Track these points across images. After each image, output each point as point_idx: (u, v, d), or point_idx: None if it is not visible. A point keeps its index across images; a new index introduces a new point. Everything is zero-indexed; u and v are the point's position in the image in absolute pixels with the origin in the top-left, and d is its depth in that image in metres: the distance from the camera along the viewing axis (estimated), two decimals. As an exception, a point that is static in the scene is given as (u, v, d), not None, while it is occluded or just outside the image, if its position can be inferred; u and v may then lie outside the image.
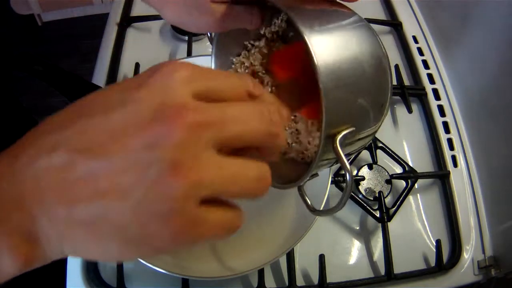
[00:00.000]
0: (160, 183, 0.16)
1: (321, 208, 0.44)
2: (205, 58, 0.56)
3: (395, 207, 0.53)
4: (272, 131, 0.20)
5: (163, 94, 0.17)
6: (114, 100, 0.18)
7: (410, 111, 0.62)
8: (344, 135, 0.28)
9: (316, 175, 0.33)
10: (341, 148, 0.27)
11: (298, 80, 0.35)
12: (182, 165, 0.16)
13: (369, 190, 0.54)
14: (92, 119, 0.17)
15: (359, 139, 0.31)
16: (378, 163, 0.56)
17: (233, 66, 0.38)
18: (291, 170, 0.35)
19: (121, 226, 0.17)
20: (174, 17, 0.32)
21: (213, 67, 0.39)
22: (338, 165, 0.54)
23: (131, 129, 0.17)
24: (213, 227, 0.18)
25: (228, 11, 0.31)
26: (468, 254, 0.54)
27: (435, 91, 0.67)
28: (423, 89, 0.66)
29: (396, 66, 0.67)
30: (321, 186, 0.46)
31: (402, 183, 0.55)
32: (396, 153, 0.57)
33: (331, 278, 0.48)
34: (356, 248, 0.53)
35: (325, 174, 0.47)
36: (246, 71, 0.37)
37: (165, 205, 0.16)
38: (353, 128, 0.28)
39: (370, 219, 0.53)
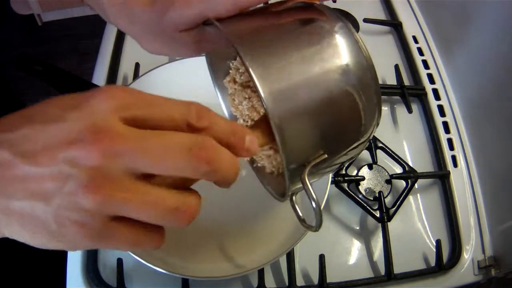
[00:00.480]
0: (74, 195, 0.19)
1: (321, 208, 0.44)
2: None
3: (395, 207, 0.53)
4: (196, 167, 0.20)
5: (91, 118, 0.19)
6: (55, 114, 0.20)
7: (410, 111, 0.62)
8: (314, 165, 0.26)
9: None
10: (308, 178, 0.26)
11: None
12: (93, 184, 0.19)
13: (369, 190, 0.54)
14: (33, 128, 0.20)
15: (337, 163, 0.29)
16: (378, 163, 0.56)
17: (230, 71, 0.37)
18: (280, 184, 0.34)
19: (44, 223, 0.20)
20: (153, 49, 0.33)
21: (209, 74, 0.38)
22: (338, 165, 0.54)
23: (60, 144, 0.19)
24: (118, 241, 0.21)
25: (200, 36, 0.31)
26: (468, 254, 0.54)
27: (435, 91, 0.67)
28: (423, 89, 0.66)
29: (396, 66, 0.67)
30: (321, 186, 0.46)
31: (402, 183, 0.55)
32: (396, 153, 0.57)
33: (331, 278, 0.48)
34: (356, 248, 0.53)
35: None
36: (242, 77, 0.36)
37: (77, 214, 0.19)
38: (325, 156, 0.26)
39: (370, 219, 0.53)
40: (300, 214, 0.32)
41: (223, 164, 0.21)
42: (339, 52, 0.27)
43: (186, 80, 0.55)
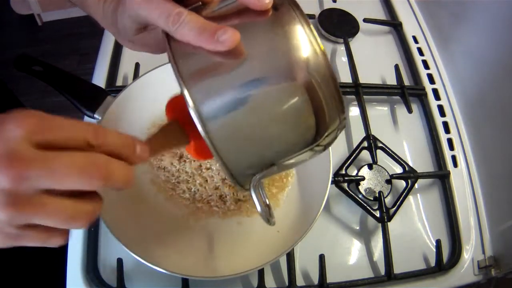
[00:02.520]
0: None
1: (321, 208, 0.44)
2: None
3: (395, 207, 0.53)
4: (91, 183, 0.24)
5: (5, 143, 0.22)
6: None
7: (410, 111, 0.62)
8: (261, 176, 0.26)
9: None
10: (254, 188, 0.26)
11: None
12: (6, 202, 0.22)
13: (369, 190, 0.54)
14: None
15: (291, 166, 0.28)
16: (378, 163, 0.56)
17: None
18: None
19: None
20: (130, 47, 0.35)
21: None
22: (338, 165, 0.54)
23: None
24: (29, 242, 0.25)
25: (158, 37, 0.32)
26: (468, 254, 0.54)
27: (435, 91, 0.67)
28: (423, 89, 0.66)
29: (396, 66, 0.67)
30: (321, 186, 0.46)
31: (402, 183, 0.55)
32: (396, 153, 0.57)
33: (331, 278, 0.48)
34: (356, 248, 0.53)
35: (325, 174, 0.47)
36: None
37: None
38: (274, 168, 0.26)
39: (370, 219, 0.53)
40: (259, 208, 0.30)
41: (115, 175, 0.25)
42: (281, 52, 0.24)
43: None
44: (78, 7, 0.37)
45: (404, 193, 0.54)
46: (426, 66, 0.69)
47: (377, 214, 0.52)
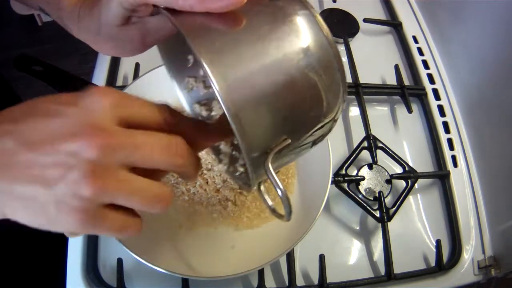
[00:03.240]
0: (75, 183, 0.21)
1: (321, 208, 0.44)
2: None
3: (395, 207, 0.53)
4: (174, 162, 0.24)
5: (89, 115, 0.22)
6: (55, 109, 0.23)
7: (410, 111, 0.62)
8: (278, 151, 0.25)
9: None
10: (272, 166, 0.25)
11: None
12: (92, 175, 0.21)
13: (369, 190, 0.54)
14: (37, 121, 0.22)
15: (302, 146, 0.28)
16: (378, 163, 0.56)
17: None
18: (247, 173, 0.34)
19: (44, 206, 0.22)
20: (103, 50, 0.34)
21: (165, 67, 0.37)
22: (338, 165, 0.54)
23: (62, 136, 0.22)
24: (108, 226, 0.23)
25: (143, 30, 0.31)
26: (468, 254, 0.54)
27: (435, 91, 0.67)
28: (423, 89, 0.66)
29: (396, 66, 0.67)
30: (321, 186, 0.46)
31: (402, 183, 0.55)
32: (396, 153, 0.57)
33: (331, 278, 0.48)
34: (356, 248, 0.53)
35: (325, 174, 0.47)
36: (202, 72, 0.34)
37: (75, 200, 0.21)
38: (288, 141, 0.25)
39: (370, 219, 0.53)
40: (270, 203, 0.30)
41: (190, 159, 0.25)
42: (296, 31, 0.25)
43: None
44: (51, 17, 0.36)
45: (404, 193, 0.54)
46: (426, 66, 0.69)
47: (377, 214, 0.52)
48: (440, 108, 0.65)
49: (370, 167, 0.56)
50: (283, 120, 0.25)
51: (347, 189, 0.53)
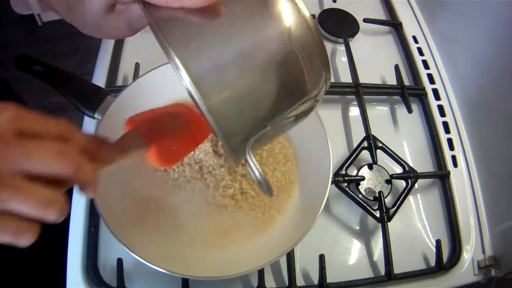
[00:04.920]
0: None
1: (321, 208, 0.44)
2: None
3: (395, 207, 0.53)
4: (64, 168, 0.25)
5: None
6: None
7: (410, 111, 0.62)
8: (255, 138, 0.25)
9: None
10: (249, 153, 0.25)
11: None
12: None
13: (369, 190, 0.54)
14: None
15: (284, 126, 0.28)
16: (378, 163, 0.56)
17: None
18: None
19: None
20: (95, 36, 0.35)
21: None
22: (338, 165, 0.54)
23: None
24: (3, 230, 0.25)
25: (129, 15, 0.32)
26: (468, 254, 0.54)
27: (435, 91, 0.67)
28: (423, 89, 0.66)
29: (396, 66, 0.67)
30: (321, 186, 0.46)
31: (402, 183, 0.55)
32: (396, 153, 0.57)
33: (331, 278, 0.48)
34: (356, 248, 0.53)
35: (325, 174, 0.47)
36: None
37: None
38: (268, 129, 0.26)
39: (370, 219, 0.53)
40: (257, 175, 0.29)
41: (85, 169, 0.27)
42: (270, 14, 0.24)
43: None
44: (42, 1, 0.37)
45: (404, 193, 0.54)
46: (426, 66, 0.69)
47: (377, 214, 0.52)
48: (440, 108, 0.65)
49: (370, 167, 0.56)
50: (261, 109, 0.25)
51: (347, 189, 0.53)
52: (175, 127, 0.39)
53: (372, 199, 0.53)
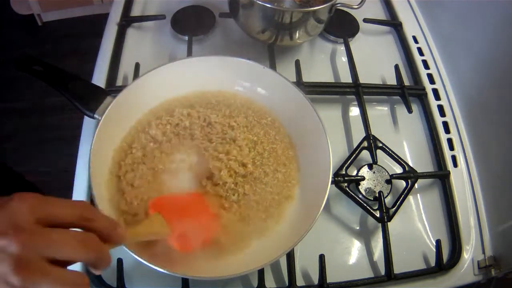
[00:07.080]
0: (5, 274, 0.26)
1: (321, 208, 0.44)
2: (204, 58, 0.56)
3: (395, 207, 0.53)
4: (87, 256, 0.29)
5: (11, 217, 0.27)
6: None
7: (410, 111, 0.62)
8: None
9: None
10: None
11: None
12: (18, 266, 0.26)
13: (369, 190, 0.54)
14: None
15: None
16: (378, 163, 0.56)
17: None
18: None
19: None
20: None
21: None
22: (338, 165, 0.54)
23: None
24: None
25: None
26: (468, 254, 0.54)
27: (435, 91, 0.67)
28: (423, 89, 0.66)
29: (396, 66, 0.67)
30: (321, 186, 0.46)
31: (402, 183, 0.55)
32: (396, 153, 0.57)
33: (331, 278, 0.48)
34: (356, 248, 0.53)
35: (325, 174, 0.47)
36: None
37: (6, 287, 0.26)
38: None
39: (370, 219, 0.53)
40: None
41: (102, 254, 0.30)
42: None
43: (186, 80, 0.55)
44: None
45: (404, 193, 0.54)
46: (426, 66, 0.69)
47: (377, 214, 0.52)
48: (440, 108, 0.65)
49: (370, 167, 0.56)
50: None
51: (347, 189, 0.53)
52: (193, 214, 0.45)
53: (372, 199, 0.53)
